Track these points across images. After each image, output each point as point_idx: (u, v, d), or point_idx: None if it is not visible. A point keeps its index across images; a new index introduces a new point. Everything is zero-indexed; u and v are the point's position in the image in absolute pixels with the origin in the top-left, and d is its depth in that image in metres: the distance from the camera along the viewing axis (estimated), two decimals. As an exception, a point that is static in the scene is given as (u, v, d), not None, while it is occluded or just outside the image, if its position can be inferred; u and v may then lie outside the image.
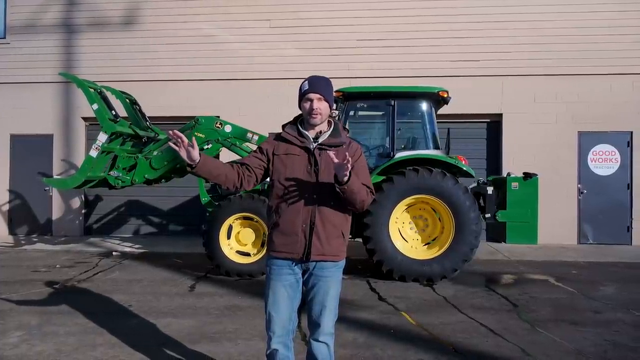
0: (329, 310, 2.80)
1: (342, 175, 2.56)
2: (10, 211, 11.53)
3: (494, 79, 10.47)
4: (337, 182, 2.62)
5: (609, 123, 10.33)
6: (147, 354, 4.09)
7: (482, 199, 7.33)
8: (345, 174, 2.56)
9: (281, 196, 2.79)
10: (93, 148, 7.29)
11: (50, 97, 11.30)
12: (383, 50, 10.53)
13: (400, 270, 6.71)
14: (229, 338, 4.53)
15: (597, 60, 10.23)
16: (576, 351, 4.25)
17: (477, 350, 4.26)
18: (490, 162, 10.87)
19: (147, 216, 11.56)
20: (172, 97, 10.93)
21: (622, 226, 10.34)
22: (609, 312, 5.46)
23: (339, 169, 2.56)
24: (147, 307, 5.51)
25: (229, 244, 7.05)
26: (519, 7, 10.40)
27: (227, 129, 7.53)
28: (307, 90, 2.77)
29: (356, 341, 4.46)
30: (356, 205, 2.75)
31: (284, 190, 2.78)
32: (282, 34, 10.82)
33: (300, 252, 2.75)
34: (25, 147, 11.46)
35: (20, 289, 6.30)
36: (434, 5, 10.53)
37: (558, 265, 8.10)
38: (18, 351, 4.17)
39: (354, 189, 2.65)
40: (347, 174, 2.57)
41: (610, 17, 10.19)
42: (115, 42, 11.09)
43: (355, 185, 2.66)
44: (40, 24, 11.32)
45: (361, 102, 7.74)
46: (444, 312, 5.42)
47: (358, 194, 2.70)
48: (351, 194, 2.66)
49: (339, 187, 2.62)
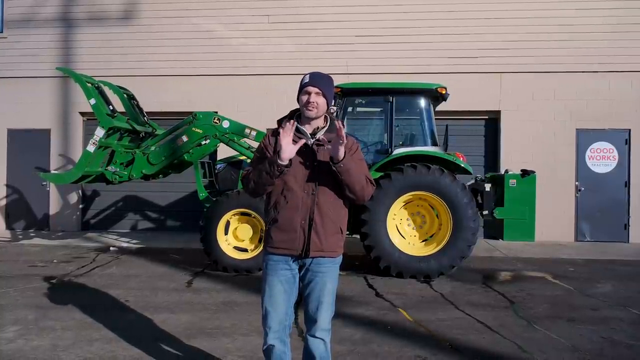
0: (325, 306, 2.80)
1: (337, 149, 2.60)
2: (7, 206, 11.50)
3: (493, 76, 10.45)
4: (332, 161, 2.64)
5: (607, 121, 10.33)
6: (143, 349, 4.09)
7: (479, 196, 7.34)
8: (340, 148, 2.59)
9: (280, 192, 2.78)
10: (90, 143, 7.28)
11: (48, 92, 11.25)
12: (382, 46, 10.50)
13: (397, 267, 6.71)
14: (225, 333, 4.53)
15: (595, 57, 10.21)
16: (573, 348, 4.26)
17: (474, 347, 4.27)
18: (488, 159, 10.86)
19: (144, 211, 11.54)
20: (170, 92, 10.90)
21: (620, 224, 10.35)
22: (606, 309, 5.47)
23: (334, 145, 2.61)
24: (144, 303, 5.51)
25: (227, 240, 7.04)
26: (518, 4, 10.37)
27: (225, 124, 7.51)
28: (307, 83, 2.77)
29: (353, 337, 4.46)
30: (356, 191, 2.75)
31: (282, 186, 2.77)
32: (281, 29, 10.78)
33: (299, 249, 2.75)
34: (23, 141, 11.42)
35: (17, 284, 6.29)
36: (432, 2, 10.50)
37: (555, 263, 8.11)
38: (14, 346, 4.17)
39: (350, 168, 2.67)
40: (341, 150, 2.60)
41: (608, 15, 10.17)
42: (113, 37, 11.04)
43: (352, 166, 2.68)
44: (38, 18, 11.26)
45: (359, 98, 7.74)
46: (441, 309, 5.43)
47: (356, 177, 2.71)
48: (347, 175, 2.67)
49: (335, 166, 2.64)
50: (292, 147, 2.64)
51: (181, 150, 7.55)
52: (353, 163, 2.70)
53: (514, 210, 7.20)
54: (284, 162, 2.63)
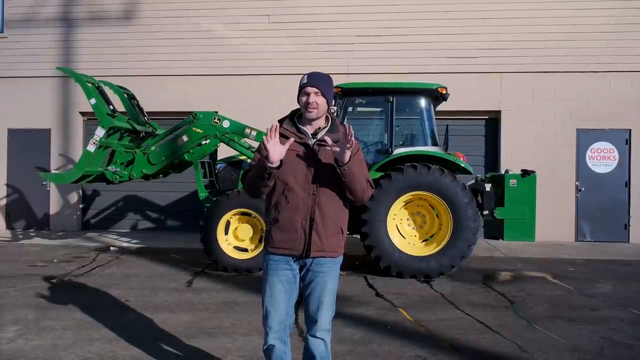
0: (326, 306, 2.80)
1: (344, 152, 2.59)
2: (7, 206, 11.50)
3: (493, 75, 10.44)
4: (337, 164, 2.64)
5: (608, 121, 10.33)
6: (143, 349, 4.09)
7: (480, 196, 7.34)
8: (346, 152, 2.59)
9: (280, 192, 2.78)
10: (91, 143, 7.28)
11: (48, 92, 11.25)
12: (382, 46, 10.49)
13: (397, 267, 6.71)
14: (225, 333, 4.53)
15: (595, 57, 10.21)
16: (573, 348, 4.26)
17: (474, 347, 4.27)
18: (489, 159, 10.86)
19: (144, 211, 11.54)
20: (170, 92, 10.89)
21: (620, 224, 10.35)
22: (606, 309, 5.47)
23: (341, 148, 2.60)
24: (144, 302, 5.51)
25: (227, 240, 7.04)
26: (518, 3, 10.37)
27: (225, 124, 7.51)
28: (305, 84, 2.77)
29: (353, 337, 4.46)
30: (357, 193, 2.76)
31: (283, 186, 2.77)
32: (281, 29, 10.77)
33: (299, 249, 2.75)
34: (23, 141, 11.42)
35: (17, 284, 6.29)
36: (433, 2, 10.49)
37: (555, 263, 8.11)
38: (14, 345, 4.17)
39: (354, 171, 2.67)
40: (347, 153, 2.60)
41: (609, 15, 10.17)
42: (113, 37, 11.03)
43: (355, 168, 2.68)
44: (39, 18, 11.26)
45: (360, 98, 7.74)
46: (441, 309, 5.43)
47: (358, 179, 2.71)
48: (351, 177, 2.68)
49: (340, 168, 2.64)
50: (280, 148, 2.62)
51: (181, 150, 7.55)
52: (356, 165, 2.69)
53: (514, 210, 7.20)
54: (273, 165, 2.62)
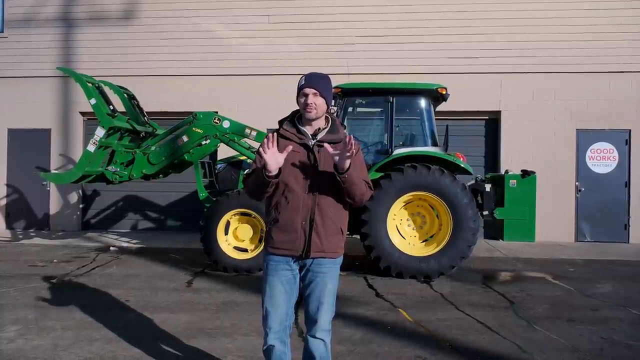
0: (326, 306, 2.80)
1: (344, 160, 2.58)
2: (7, 205, 11.50)
3: (493, 76, 10.44)
4: (337, 171, 2.63)
5: (607, 121, 10.33)
6: (143, 349, 4.09)
7: (480, 196, 7.33)
8: (346, 160, 2.58)
9: (281, 193, 2.78)
10: (91, 143, 7.28)
11: (48, 92, 11.25)
12: (382, 47, 10.50)
13: (397, 267, 6.71)
14: (225, 333, 4.53)
15: (595, 58, 10.21)
16: (572, 348, 4.26)
17: (474, 347, 4.27)
18: (489, 160, 10.86)
19: (144, 211, 11.54)
20: (170, 92, 10.90)
21: (620, 224, 10.35)
22: (606, 309, 5.47)
23: (340, 156, 2.59)
24: (144, 302, 5.51)
25: (227, 240, 7.04)
26: (518, 4, 10.37)
27: (225, 124, 7.51)
28: (303, 85, 2.76)
29: (353, 337, 4.46)
30: (355, 197, 2.76)
31: (283, 187, 2.76)
32: (281, 29, 10.77)
33: (299, 249, 2.75)
34: (23, 141, 11.42)
35: (17, 284, 6.29)
36: (433, 2, 10.50)
37: (555, 263, 8.11)
38: (14, 345, 4.17)
39: (354, 178, 2.67)
40: (347, 161, 2.59)
41: (609, 15, 10.17)
42: (113, 37, 11.04)
43: (355, 175, 2.67)
44: (39, 18, 11.26)
45: (360, 99, 7.73)
46: (441, 309, 5.43)
47: (358, 185, 2.71)
48: (351, 184, 2.67)
49: (340, 176, 2.63)
50: (278, 157, 2.62)
51: (181, 150, 7.55)
52: (355, 172, 2.68)
53: (514, 210, 7.20)
54: (271, 174, 2.62)
